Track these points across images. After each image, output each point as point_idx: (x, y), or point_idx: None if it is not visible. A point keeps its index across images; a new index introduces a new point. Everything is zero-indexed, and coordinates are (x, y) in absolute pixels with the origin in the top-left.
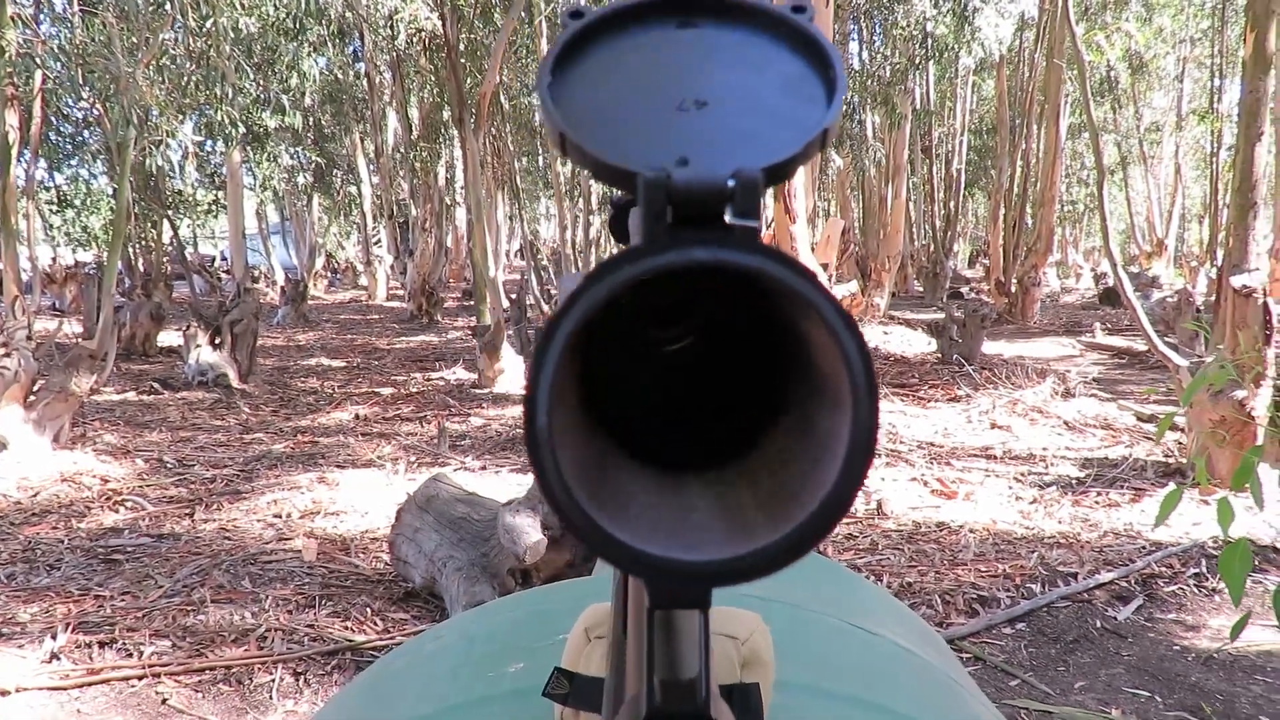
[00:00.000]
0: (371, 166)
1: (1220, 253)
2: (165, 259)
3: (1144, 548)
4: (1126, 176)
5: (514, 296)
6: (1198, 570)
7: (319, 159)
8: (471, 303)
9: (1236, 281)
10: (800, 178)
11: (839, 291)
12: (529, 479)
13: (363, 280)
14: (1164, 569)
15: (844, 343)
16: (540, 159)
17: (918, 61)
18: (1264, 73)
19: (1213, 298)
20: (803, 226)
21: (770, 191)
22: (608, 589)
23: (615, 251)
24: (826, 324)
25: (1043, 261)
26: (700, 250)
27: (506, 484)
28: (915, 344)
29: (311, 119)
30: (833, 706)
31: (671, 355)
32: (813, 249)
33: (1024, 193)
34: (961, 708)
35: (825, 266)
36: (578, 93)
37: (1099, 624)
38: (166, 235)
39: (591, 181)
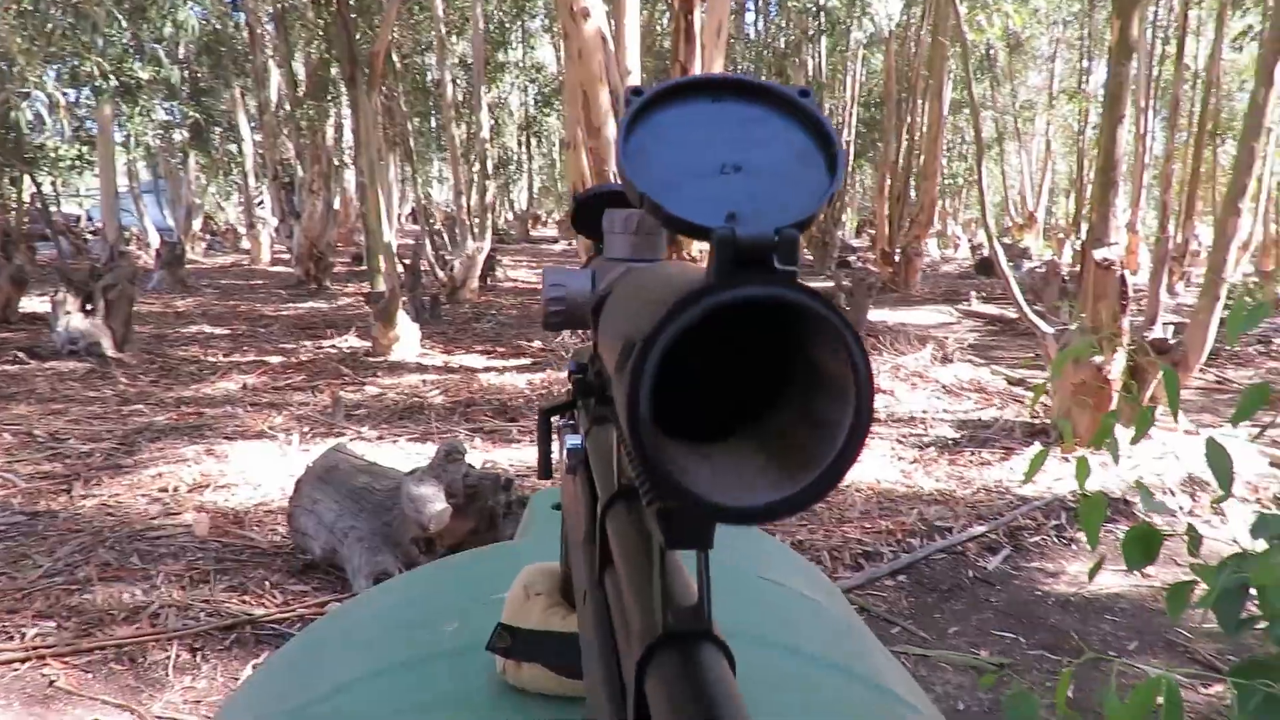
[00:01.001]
0: (253, 124)
1: (1084, 226)
2: (25, 219)
3: (1011, 502)
4: (1002, 152)
5: (408, 262)
6: (1058, 522)
7: (196, 114)
8: (362, 268)
9: (1097, 255)
10: None
11: None
12: (429, 448)
13: (245, 244)
14: (1029, 521)
15: (855, 358)
16: (433, 120)
17: (811, 34)
18: (1126, 59)
19: (1078, 269)
20: None
21: None
22: (533, 553)
23: (579, 241)
24: (845, 343)
25: (925, 232)
26: (759, 289)
27: (406, 454)
28: None
29: (188, 71)
30: (750, 649)
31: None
32: None
33: (908, 165)
34: (860, 650)
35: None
36: (643, 156)
37: (971, 574)
38: (28, 193)
39: (488, 145)
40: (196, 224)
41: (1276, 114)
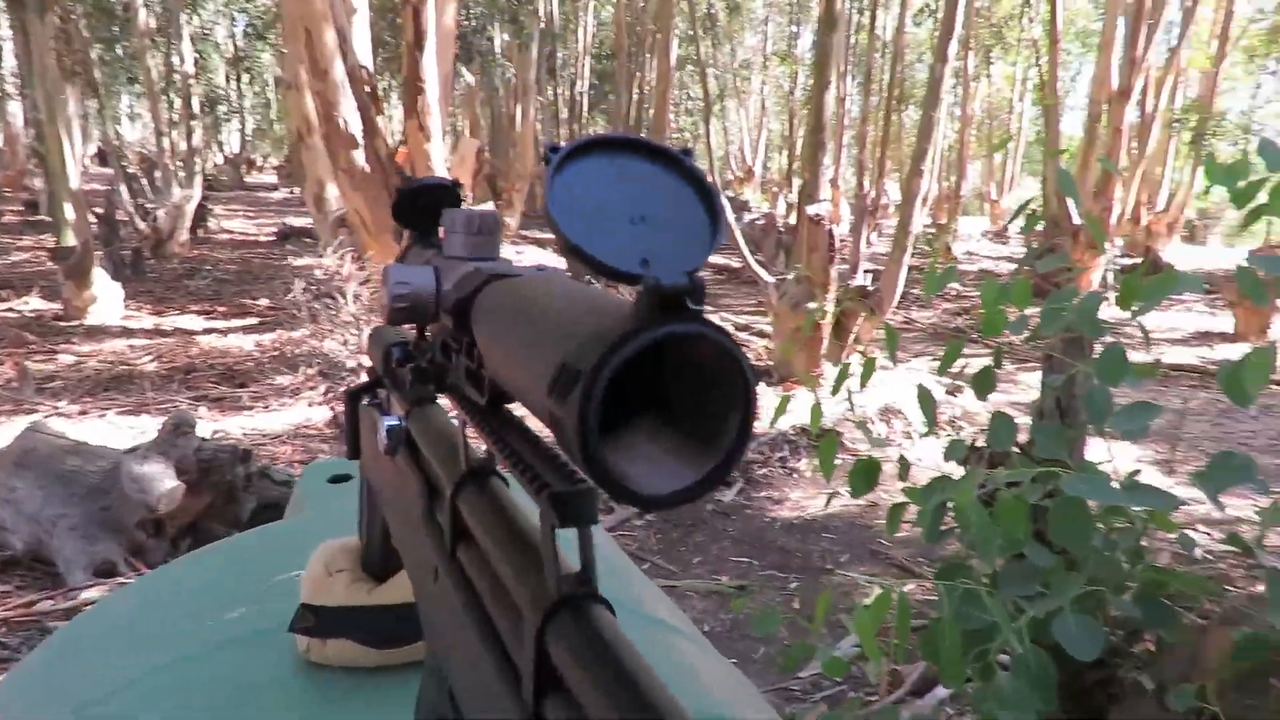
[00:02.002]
0: None
1: (797, 182)
2: None
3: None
4: (724, 109)
5: (101, 212)
6: (782, 454)
7: None
8: (40, 218)
9: (810, 210)
10: (434, 93)
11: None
12: (146, 421)
13: None
14: (757, 455)
15: (745, 372)
16: (120, 48)
17: None
18: (831, 30)
19: (793, 221)
20: (438, 144)
21: (406, 110)
22: (318, 530)
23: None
24: (738, 361)
25: None
26: (685, 325)
27: (117, 429)
28: (549, 261)
29: None
30: None
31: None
32: (449, 169)
33: (639, 119)
34: (629, 585)
35: (461, 186)
36: (567, 209)
37: (710, 508)
38: None
39: (191, 81)
40: None
41: (947, 86)
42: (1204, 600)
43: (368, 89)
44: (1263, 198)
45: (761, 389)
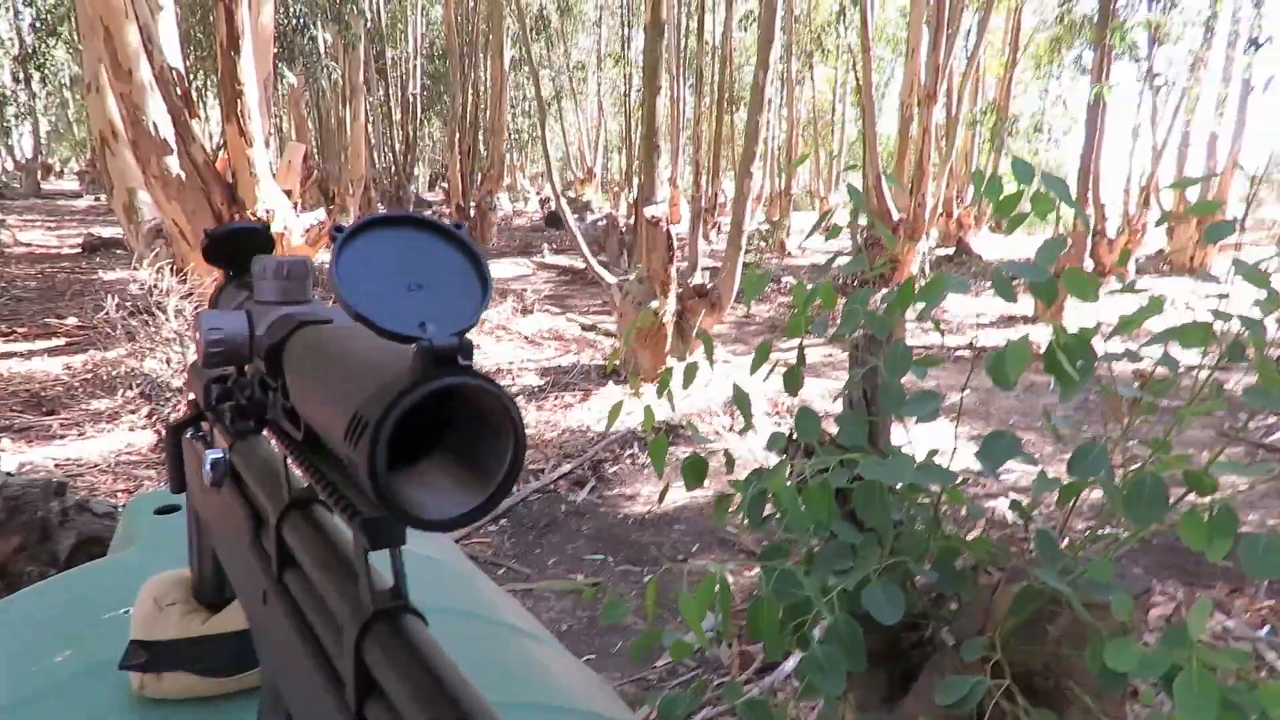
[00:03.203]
0: None
1: (637, 181)
2: None
3: (593, 439)
4: (561, 110)
5: None
6: (631, 451)
7: None
8: None
9: (648, 213)
10: (253, 96)
11: (307, 220)
12: None
13: None
14: (608, 454)
15: (513, 415)
16: None
17: None
18: (659, 37)
19: (634, 222)
20: (260, 149)
21: (224, 113)
22: (147, 564)
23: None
24: (505, 407)
25: (496, 186)
26: (458, 378)
27: None
28: None
29: None
30: None
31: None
32: (274, 174)
33: (475, 120)
34: (479, 594)
35: (289, 193)
36: (352, 280)
37: (563, 508)
38: None
39: None
40: None
41: (771, 90)
42: (996, 561)
43: (178, 91)
44: (1026, 206)
45: (609, 388)
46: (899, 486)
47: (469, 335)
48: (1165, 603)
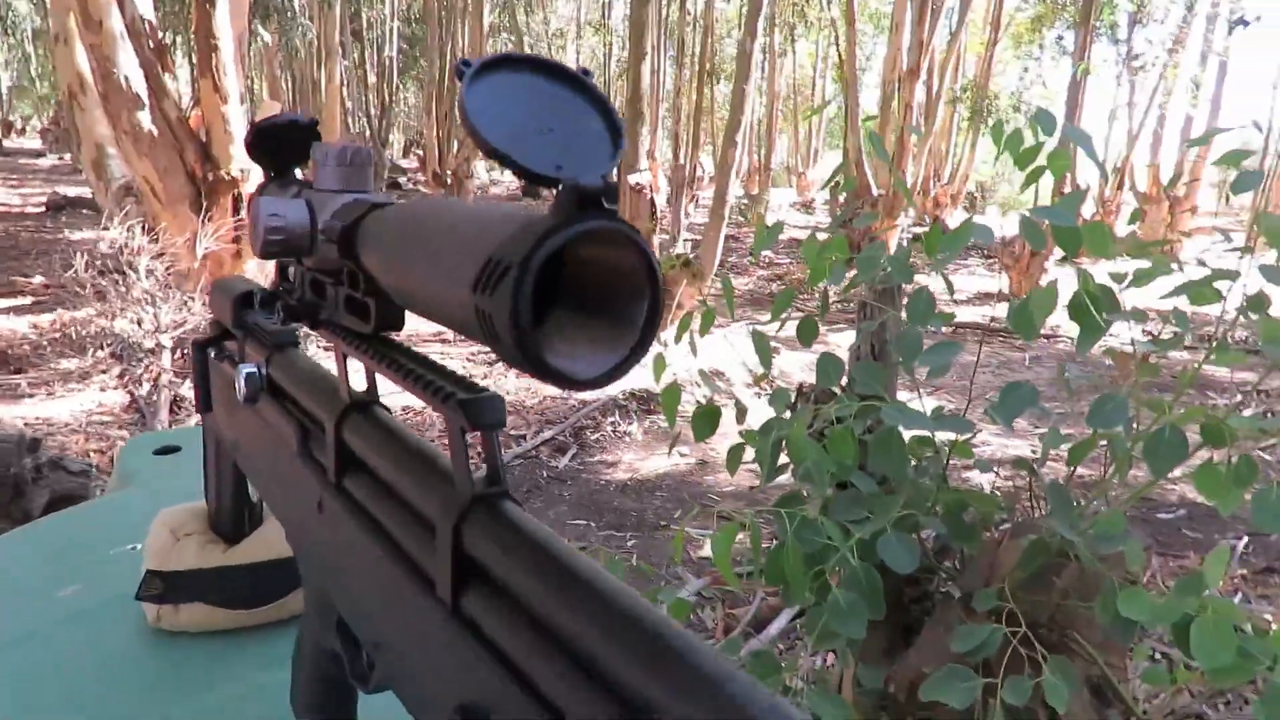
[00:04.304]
0: None
1: None
2: None
3: (575, 406)
4: None
5: None
6: (613, 419)
7: None
8: None
9: (631, 180)
10: (229, 50)
11: None
12: None
13: None
14: (589, 421)
15: (654, 267)
16: None
17: None
18: (645, 3)
19: None
20: (236, 106)
21: (198, 68)
22: (141, 505)
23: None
24: (646, 256)
25: (473, 154)
26: (604, 221)
27: None
28: None
29: None
30: None
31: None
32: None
33: (453, 86)
34: None
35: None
36: (484, 118)
37: (545, 474)
38: None
39: None
40: None
41: (755, 62)
42: (998, 516)
43: (150, 43)
44: (1042, 160)
45: None
46: (908, 440)
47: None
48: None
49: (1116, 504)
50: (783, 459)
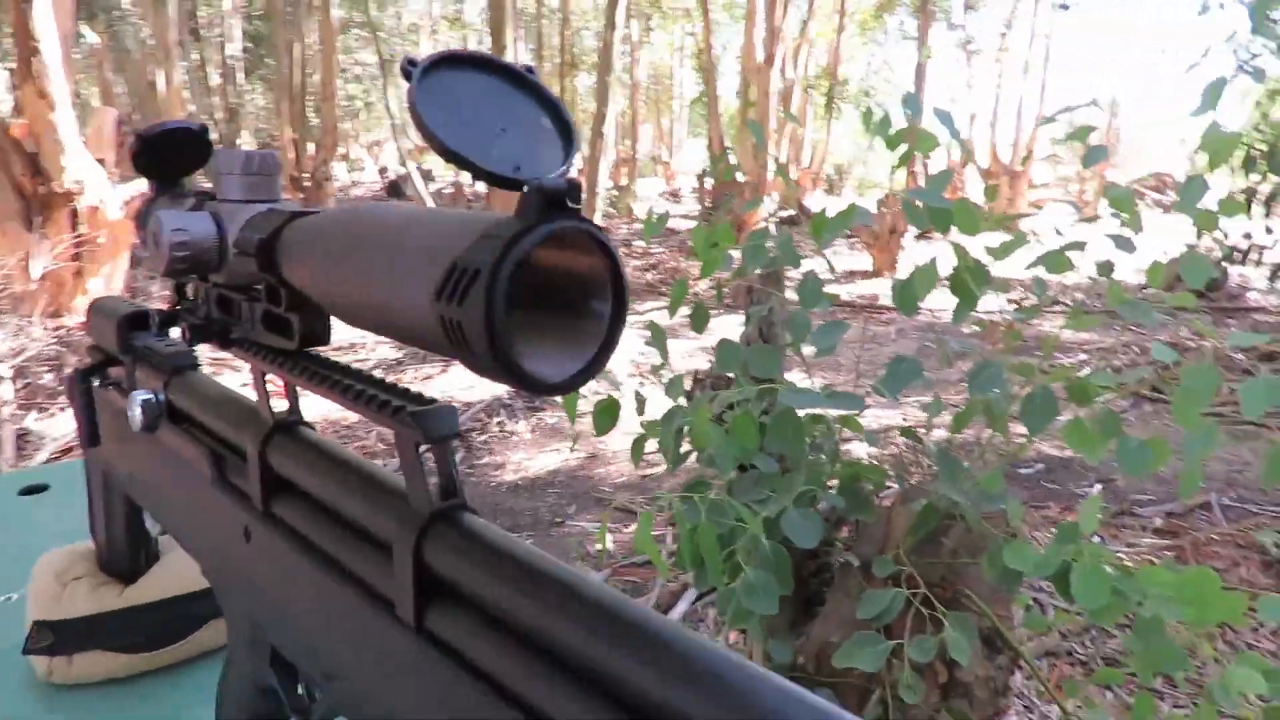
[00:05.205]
0: None
1: None
2: None
3: (459, 408)
4: (393, 77)
5: None
6: (499, 419)
7: None
8: None
9: None
10: (53, 53)
11: (125, 191)
12: None
13: None
14: (475, 423)
15: (618, 267)
16: None
17: None
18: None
19: (482, 189)
20: (66, 113)
21: (19, 74)
22: (11, 551)
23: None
24: (611, 257)
25: (331, 155)
26: (571, 221)
27: None
28: None
29: None
30: None
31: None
32: (84, 140)
33: (304, 86)
34: None
35: (102, 161)
36: (438, 119)
37: None
38: None
39: None
40: None
41: (616, 53)
42: (887, 484)
43: None
44: (896, 152)
45: None
46: (806, 416)
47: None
48: None
49: (992, 465)
50: (685, 445)
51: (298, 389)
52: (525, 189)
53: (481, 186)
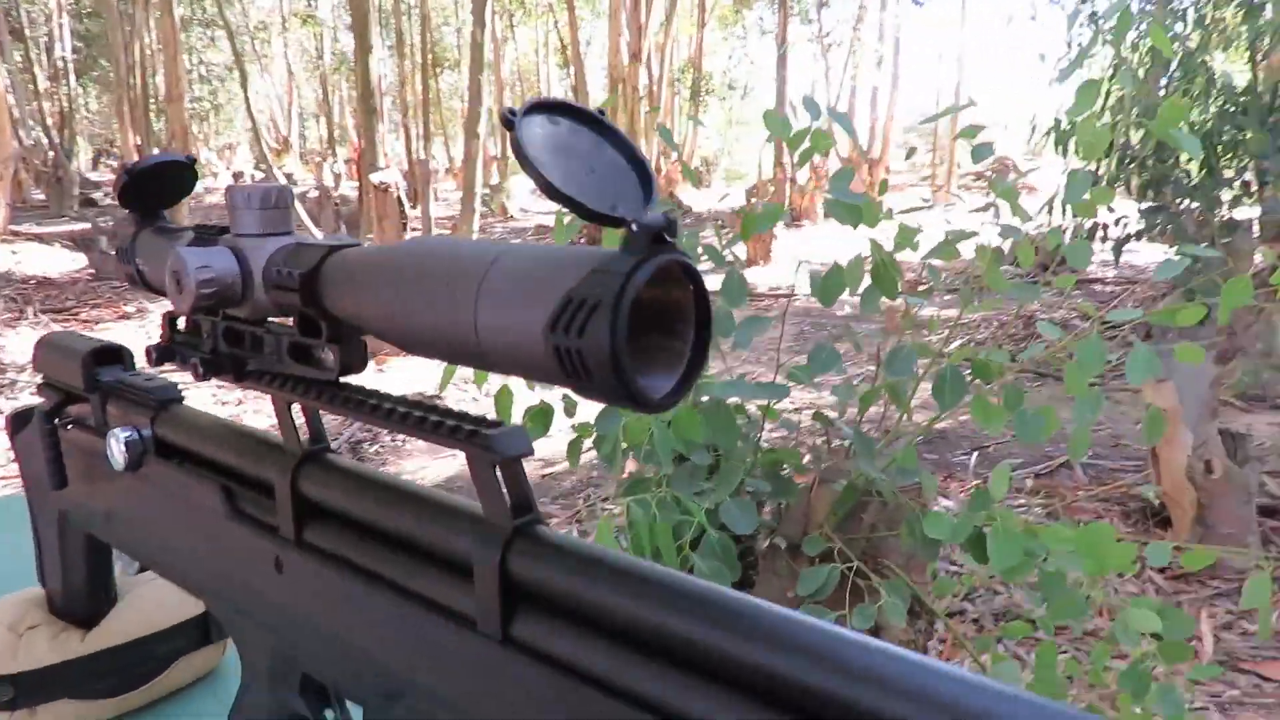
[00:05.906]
0: None
1: (341, 151)
2: None
3: (348, 421)
4: (244, 74)
5: None
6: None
7: None
8: None
9: (375, 179)
10: None
11: None
12: None
13: None
14: (366, 434)
15: (704, 293)
16: None
17: None
18: None
19: (353, 192)
20: None
21: None
22: None
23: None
24: (700, 287)
25: None
26: (675, 255)
27: None
28: (59, 262)
29: None
30: None
31: None
32: None
33: (145, 88)
34: None
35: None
36: (542, 163)
37: None
38: None
39: None
40: None
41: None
42: (804, 465)
43: None
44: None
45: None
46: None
47: None
48: None
49: (904, 442)
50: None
51: (321, 416)
52: (633, 226)
53: (347, 191)
